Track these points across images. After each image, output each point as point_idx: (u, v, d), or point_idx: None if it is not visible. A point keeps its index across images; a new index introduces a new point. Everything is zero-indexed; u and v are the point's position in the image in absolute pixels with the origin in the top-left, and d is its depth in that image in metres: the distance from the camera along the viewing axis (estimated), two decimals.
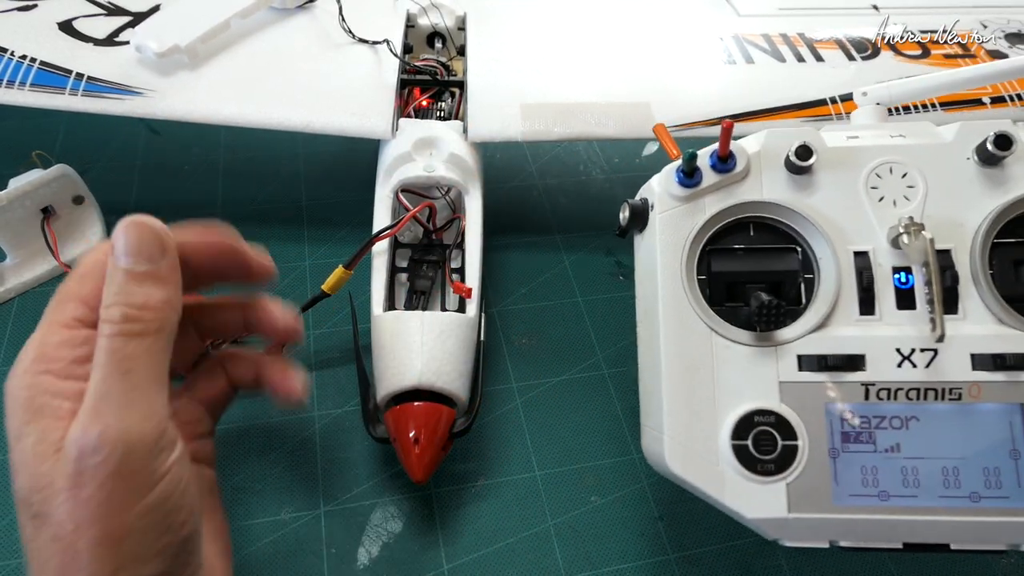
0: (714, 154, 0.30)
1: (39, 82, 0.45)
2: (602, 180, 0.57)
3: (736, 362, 0.29)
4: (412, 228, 0.45)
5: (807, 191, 0.30)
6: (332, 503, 0.38)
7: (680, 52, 0.51)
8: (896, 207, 0.29)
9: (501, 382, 0.44)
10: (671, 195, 0.30)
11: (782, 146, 0.30)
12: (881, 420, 0.28)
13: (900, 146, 0.30)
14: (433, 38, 0.55)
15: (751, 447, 0.28)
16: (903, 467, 0.27)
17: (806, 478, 0.27)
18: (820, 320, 0.29)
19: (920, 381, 0.28)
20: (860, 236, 0.29)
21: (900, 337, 0.28)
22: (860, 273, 0.29)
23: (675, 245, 0.30)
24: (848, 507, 0.27)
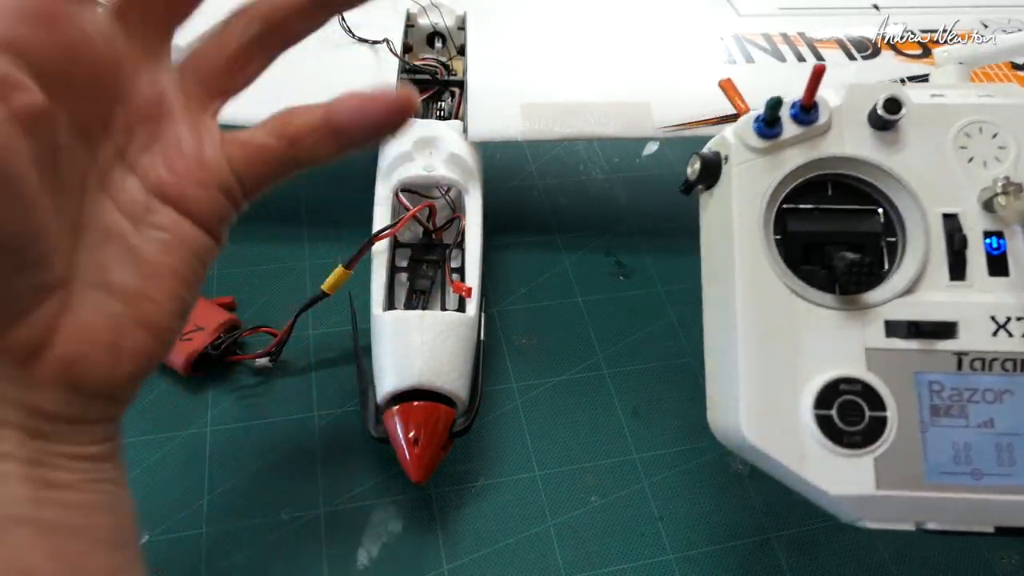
0: (797, 104, 0.28)
1: None
2: (602, 180, 0.57)
3: (819, 327, 0.27)
4: (412, 228, 0.45)
5: (892, 149, 0.28)
6: (332, 503, 0.38)
7: (680, 52, 0.51)
8: (987, 168, 0.28)
9: (501, 382, 0.44)
10: (749, 146, 0.28)
11: (867, 99, 0.28)
12: (973, 392, 0.26)
13: (989, 105, 0.29)
14: (433, 38, 0.55)
15: (836, 417, 0.26)
16: (998, 443, 0.25)
17: (895, 452, 0.25)
18: (908, 284, 0.27)
19: (1017, 352, 0.26)
20: (949, 197, 0.28)
21: (995, 304, 0.26)
22: (951, 235, 0.27)
23: (752, 200, 0.28)
24: (940, 485, 0.25)
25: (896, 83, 0.30)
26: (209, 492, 0.38)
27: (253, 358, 0.43)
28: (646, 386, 0.44)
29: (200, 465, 0.39)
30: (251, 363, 0.43)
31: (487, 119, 0.46)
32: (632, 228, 0.53)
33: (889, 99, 0.28)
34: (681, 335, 0.46)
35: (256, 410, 0.42)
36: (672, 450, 0.41)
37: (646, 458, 0.41)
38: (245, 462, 0.39)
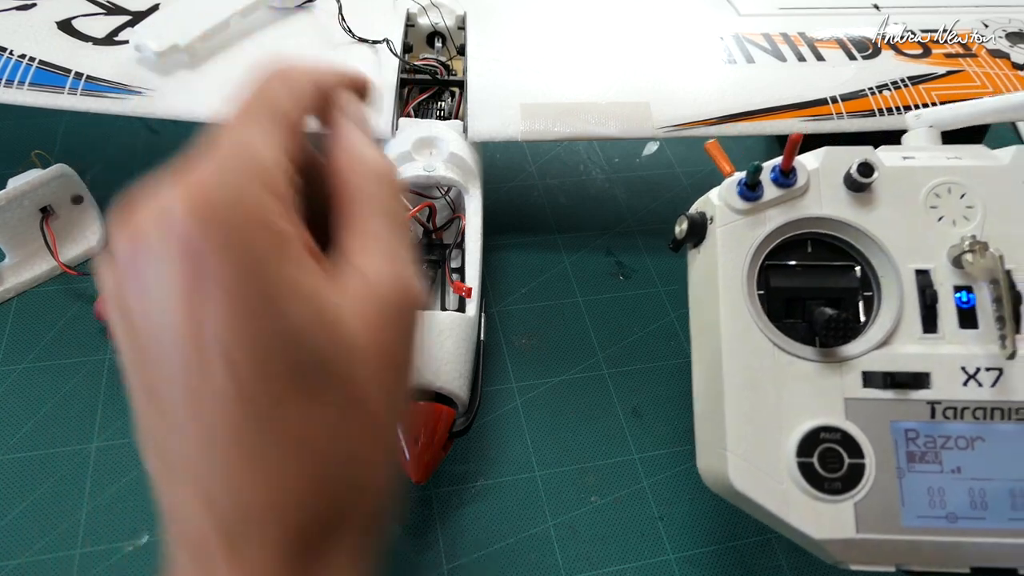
0: (776, 168, 0.30)
1: (38, 81, 0.45)
2: (602, 180, 0.57)
3: (800, 378, 0.28)
4: (412, 228, 0.45)
5: (867, 209, 0.30)
6: None
7: (680, 52, 0.51)
8: (956, 227, 0.30)
9: (501, 382, 0.44)
10: (732, 208, 0.30)
11: (842, 163, 0.30)
12: (947, 440, 0.27)
13: (958, 167, 0.30)
14: (433, 37, 0.55)
15: (817, 464, 0.27)
16: (970, 488, 0.27)
17: (874, 497, 0.27)
18: (884, 337, 0.28)
19: (987, 400, 0.27)
20: (921, 255, 0.29)
21: (965, 355, 0.28)
22: (923, 291, 0.29)
23: (736, 258, 0.30)
24: (917, 528, 0.26)
25: (869, 148, 0.31)
26: None
27: None
28: (646, 386, 0.44)
29: None
30: None
31: (487, 119, 0.46)
32: (632, 228, 0.53)
33: (863, 163, 0.29)
34: (681, 335, 0.46)
35: None
36: (672, 450, 0.41)
37: (646, 458, 0.41)
38: None
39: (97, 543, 0.36)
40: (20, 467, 0.39)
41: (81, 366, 0.43)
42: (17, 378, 0.42)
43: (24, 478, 0.38)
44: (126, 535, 0.37)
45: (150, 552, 0.36)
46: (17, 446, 0.39)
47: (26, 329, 0.45)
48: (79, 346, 0.44)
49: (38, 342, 0.44)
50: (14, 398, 0.41)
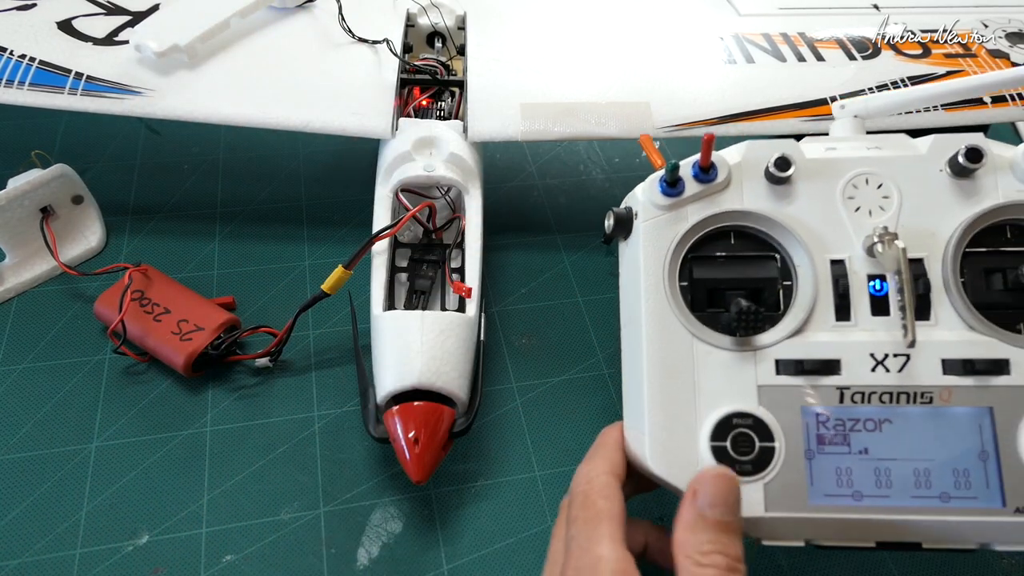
0: (696, 164, 0.31)
1: (38, 81, 0.45)
2: (602, 180, 0.57)
3: (716, 366, 0.29)
4: (412, 228, 0.45)
5: (786, 201, 0.31)
6: (332, 503, 0.38)
7: (680, 52, 0.51)
8: (872, 217, 0.30)
9: (501, 382, 0.44)
10: (654, 204, 0.31)
11: (762, 157, 0.31)
12: (856, 423, 0.28)
13: (876, 158, 0.31)
14: (433, 37, 0.55)
15: (729, 448, 0.28)
16: (876, 468, 0.28)
17: (782, 478, 0.28)
18: (798, 326, 0.29)
19: (893, 385, 0.28)
20: (837, 245, 0.30)
21: (874, 342, 0.29)
22: (836, 280, 0.30)
23: (658, 253, 0.31)
24: (823, 507, 0.28)
25: (791, 141, 0.32)
26: (209, 492, 0.38)
27: (253, 358, 0.43)
28: None
29: (200, 465, 0.39)
30: (251, 363, 0.43)
31: (487, 119, 0.46)
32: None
33: (780, 158, 0.30)
34: None
35: (256, 410, 0.42)
36: None
37: None
38: (245, 462, 0.39)
39: (97, 543, 0.36)
40: (20, 467, 0.39)
41: (81, 366, 0.43)
42: (17, 378, 0.42)
43: (24, 478, 0.38)
44: (126, 535, 0.37)
45: (150, 552, 0.36)
46: (17, 446, 0.39)
47: (26, 329, 0.45)
48: (79, 346, 0.44)
49: (38, 342, 0.44)
50: (14, 398, 0.41)
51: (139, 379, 0.43)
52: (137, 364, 0.43)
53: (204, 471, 0.39)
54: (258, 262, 0.49)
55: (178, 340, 0.41)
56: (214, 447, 0.40)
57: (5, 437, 0.40)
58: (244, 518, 0.37)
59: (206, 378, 0.43)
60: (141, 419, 0.41)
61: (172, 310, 0.43)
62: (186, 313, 0.42)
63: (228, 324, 0.43)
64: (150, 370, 0.43)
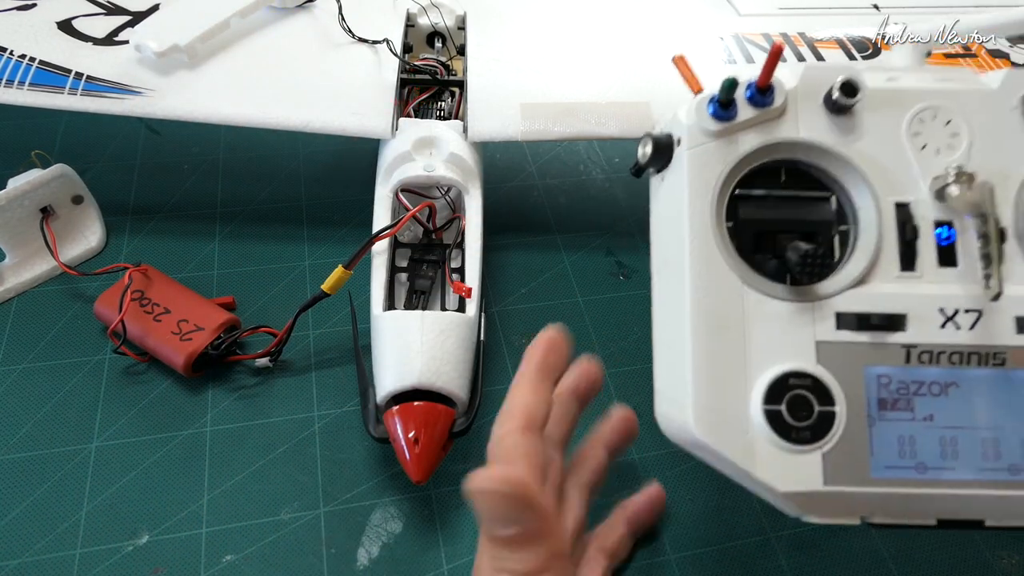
0: (752, 85, 0.27)
1: (38, 81, 0.45)
2: (602, 180, 0.57)
3: (770, 319, 0.26)
4: (412, 228, 0.45)
5: (848, 134, 0.27)
6: (332, 503, 0.38)
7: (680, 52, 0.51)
8: (939, 155, 0.27)
9: (501, 382, 0.44)
10: (703, 129, 0.27)
11: (823, 82, 0.27)
12: (920, 386, 0.26)
13: (944, 90, 0.28)
14: (433, 38, 0.55)
15: (785, 413, 0.25)
16: (942, 437, 0.25)
17: (843, 448, 0.25)
18: (860, 275, 0.26)
19: (964, 344, 0.26)
20: (902, 186, 0.27)
21: (944, 296, 0.26)
22: (902, 225, 0.27)
23: (705, 186, 0.27)
24: (885, 480, 0.25)
25: (852, 65, 0.29)
26: (209, 492, 0.38)
27: (253, 358, 0.43)
28: (646, 386, 0.43)
29: (200, 465, 0.39)
30: (251, 363, 0.43)
31: (487, 119, 0.46)
32: (632, 228, 0.53)
33: (846, 82, 0.27)
34: None
35: (256, 410, 0.42)
36: (672, 450, 0.41)
37: (646, 458, 0.41)
38: (245, 462, 0.39)
39: (97, 543, 0.36)
40: (20, 467, 0.39)
41: (81, 366, 0.43)
42: (17, 378, 0.42)
43: (24, 478, 0.38)
44: (126, 535, 0.37)
45: (150, 552, 0.36)
46: (17, 446, 0.39)
47: (26, 329, 0.45)
48: (79, 346, 0.44)
49: (38, 342, 0.44)
50: (14, 398, 0.41)
51: (139, 379, 0.43)
52: (137, 364, 0.43)
53: (204, 471, 0.39)
54: (258, 262, 0.49)
55: (178, 340, 0.41)
56: (214, 447, 0.40)
57: (5, 437, 0.40)
58: (244, 518, 0.37)
59: (206, 378, 0.43)
60: (141, 419, 0.41)
61: (172, 310, 0.43)
62: (186, 313, 0.42)
63: (228, 324, 0.43)
64: (150, 370, 0.43)
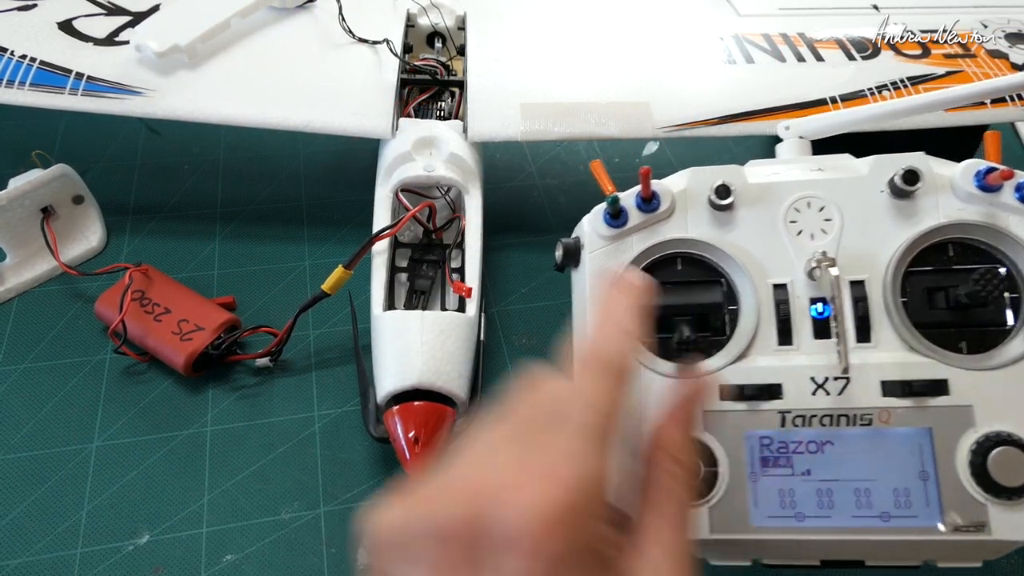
0: (638, 195, 0.31)
1: (39, 82, 0.45)
2: None
3: (661, 394, 0.29)
4: (412, 228, 0.45)
5: (729, 227, 0.31)
6: (332, 503, 0.38)
7: (680, 52, 0.51)
8: (814, 240, 0.30)
9: (501, 382, 0.44)
10: (599, 235, 0.31)
11: (705, 184, 0.31)
12: (798, 444, 0.29)
13: (818, 180, 0.31)
14: (433, 38, 0.55)
15: None
16: (818, 489, 0.28)
17: (726, 502, 0.28)
18: (740, 351, 0.30)
19: (833, 408, 0.29)
20: (780, 269, 0.30)
21: (815, 366, 0.29)
22: (778, 305, 0.30)
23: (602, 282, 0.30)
24: (767, 528, 0.28)
25: (735, 167, 0.32)
26: (209, 492, 0.38)
27: (253, 358, 0.43)
28: None
29: (200, 465, 0.39)
30: (251, 363, 0.43)
31: (487, 119, 0.46)
32: None
33: (720, 186, 0.31)
34: None
35: (256, 410, 0.42)
36: None
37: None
38: (245, 462, 0.39)
39: (98, 543, 0.36)
40: (21, 467, 0.39)
41: (81, 366, 0.43)
42: (17, 378, 0.42)
43: (25, 478, 0.38)
44: (126, 535, 0.37)
45: (151, 552, 0.36)
46: (18, 446, 0.40)
47: (26, 329, 0.45)
48: (79, 346, 0.44)
49: (38, 342, 0.44)
50: (15, 398, 0.42)
51: (139, 379, 0.43)
52: (137, 364, 0.43)
53: (204, 471, 0.39)
54: (258, 262, 0.49)
55: (178, 340, 0.41)
56: (214, 447, 0.40)
57: (6, 437, 0.40)
58: (244, 518, 0.37)
59: (206, 378, 0.43)
60: (141, 419, 0.41)
61: (172, 310, 0.43)
62: (186, 313, 0.43)
63: (228, 324, 0.43)
64: (150, 370, 0.43)
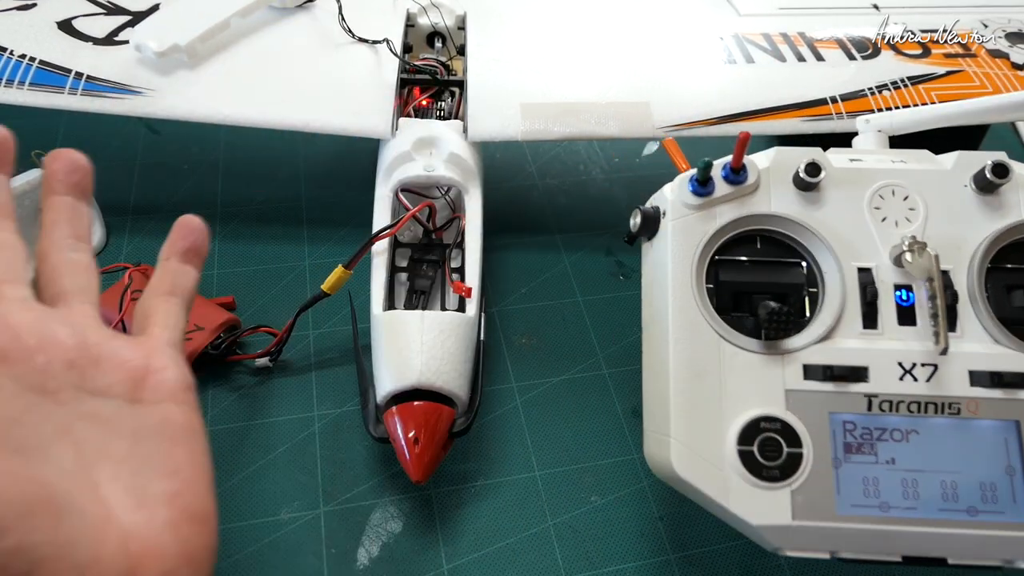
0: (727, 166, 0.31)
1: (38, 81, 0.45)
2: (602, 180, 0.57)
3: (743, 369, 0.29)
4: (412, 228, 0.45)
5: (814, 207, 0.31)
6: (332, 503, 0.38)
7: (680, 52, 0.51)
8: (898, 227, 0.31)
9: (501, 382, 0.44)
10: (684, 203, 0.31)
11: (791, 162, 0.31)
12: (883, 432, 0.28)
13: (902, 170, 0.32)
14: (433, 37, 0.55)
15: (756, 453, 0.28)
16: (903, 479, 0.28)
17: (810, 486, 0.27)
18: (825, 331, 0.29)
19: (921, 395, 0.28)
20: (863, 253, 0.31)
21: (902, 351, 0.29)
22: (864, 288, 0.30)
23: (686, 252, 0.31)
24: (850, 517, 0.27)
25: (818, 149, 0.32)
26: None
27: (253, 358, 0.43)
28: None
29: None
30: (251, 363, 0.43)
31: (487, 119, 0.46)
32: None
33: (810, 163, 0.31)
34: None
35: (256, 410, 0.42)
36: None
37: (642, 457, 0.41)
38: (245, 462, 0.39)
39: None
40: None
41: None
42: None
43: None
44: None
45: None
46: None
47: None
48: None
49: None
50: None
51: None
52: None
53: None
54: (258, 262, 0.49)
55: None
56: (214, 447, 0.40)
57: None
58: (244, 518, 0.37)
59: (206, 378, 0.43)
60: None
61: None
62: None
63: (228, 324, 0.43)
64: None
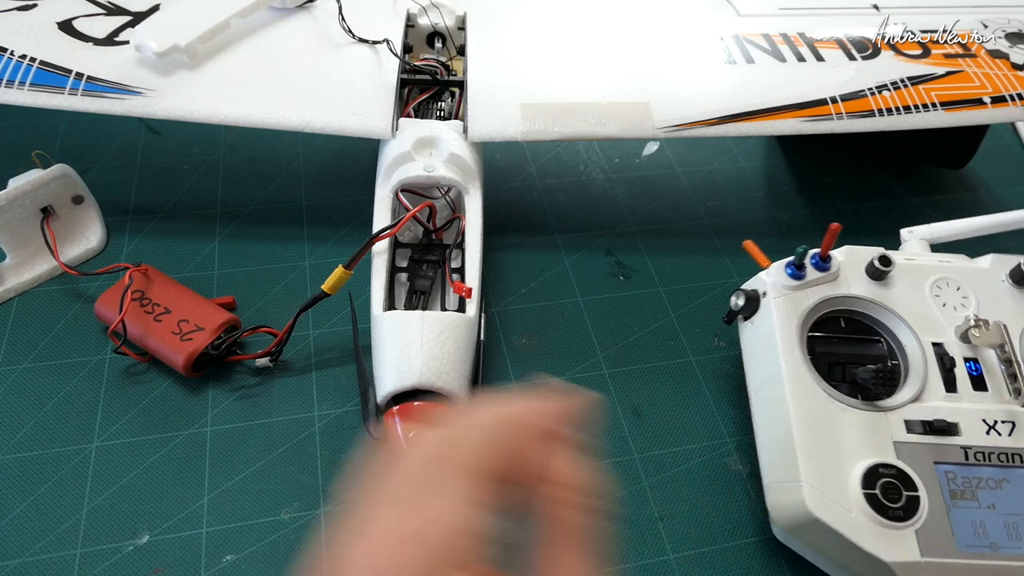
0: (816, 255, 0.37)
1: (39, 82, 0.45)
2: (602, 180, 0.57)
3: (854, 423, 0.33)
4: (412, 228, 0.45)
5: (886, 293, 0.37)
6: (332, 503, 0.38)
7: (680, 52, 0.51)
8: (956, 311, 0.37)
9: (501, 382, 0.44)
10: (783, 284, 0.37)
11: (862, 257, 0.38)
12: (980, 480, 0.32)
13: (952, 266, 0.39)
14: (433, 38, 0.55)
15: (880, 495, 0.31)
16: (1005, 522, 0.31)
17: (930, 526, 0.31)
18: (915, 394, 0.34)
19: (1008, 446, 0.33)
20: (934, 330, 0.36)
21: (983, 409, 0.34)
22: (940, 358, 0.35)
23: (790, 324, 0.36)
24: (970, 553, 0.30)
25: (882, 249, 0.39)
26: (209, 492, 0.38)
27: (253, 358, 0.43)
28: (646, 386, 0.44)
29: (200, 465, 0.39)
30: (251, 363, 0.43)
31: (487, 119, 0.46)
32: (632, 228, 0.53)
33: (883, 256, 0.37)
34: (681, 335, 0.46)
35: (256, 410, 0.42)
36: (672, 450, 0.41)
37: (646, 458, 0.41)
38: (245, 462, 0.39)
39: (97, 543, 0.36)
40: (20, 467, 0.39)
41: (81, 366, 0.43)
42: (17, 378, 0.42)
43: (24, 478, 0.38)
44: (126, 535, 0.37)
45: (150, 552, 0.36)
46: (18, 446, 0.40)
47: (26, 329, 0.45)
48: (79, 346, 0.44)
49: (38, 342, 0.44)
50: (14, 398, 0.42)
51: (139, 379, 0.43)
52: (137, 364, 0.43)
53: (204, 471, 0.39)
54: (258, 262, 0.49)
55: (178, 340, 0.41)
56: (214, 447, 0.40)
57: (5, 437, 0.40)
58: (244, 518, 0.37)
59: (206, 378, 0.43)
60: (141, 419, 0.41)
61: (172, 310, 0.43)
62: (186, 313, 0.42)
63: (228, 324, 0.43)
64: (150, 370, 0.43)
